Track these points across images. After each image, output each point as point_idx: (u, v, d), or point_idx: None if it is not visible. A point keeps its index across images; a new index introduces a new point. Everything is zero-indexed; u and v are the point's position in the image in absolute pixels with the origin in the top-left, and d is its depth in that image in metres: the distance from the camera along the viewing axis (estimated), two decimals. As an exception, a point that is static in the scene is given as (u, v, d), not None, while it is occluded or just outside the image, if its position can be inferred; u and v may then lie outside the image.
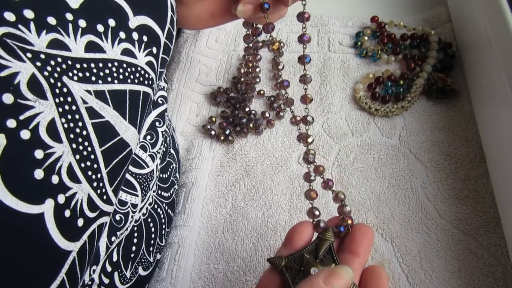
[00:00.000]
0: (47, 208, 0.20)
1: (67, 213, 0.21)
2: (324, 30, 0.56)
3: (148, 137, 0.34)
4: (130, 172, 0.31)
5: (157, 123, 0.35)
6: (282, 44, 0.55)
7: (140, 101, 0.26)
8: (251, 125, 0.47)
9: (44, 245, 0.20)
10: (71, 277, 0.21)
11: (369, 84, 0.49)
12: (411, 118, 0.47)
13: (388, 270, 0.37)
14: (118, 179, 0.25)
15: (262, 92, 0.50)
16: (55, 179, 0.20)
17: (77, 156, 0.22)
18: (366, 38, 0.53)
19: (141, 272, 0.34)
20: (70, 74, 0.22)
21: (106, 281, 0.30)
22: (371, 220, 0.40)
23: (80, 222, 0.22)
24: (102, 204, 0.24)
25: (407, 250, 0.38)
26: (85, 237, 0.22)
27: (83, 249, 0.22)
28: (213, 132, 0.47)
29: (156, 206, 0.36)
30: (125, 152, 0.25)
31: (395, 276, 0.37)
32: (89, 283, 0.28)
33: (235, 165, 0.46)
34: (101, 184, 0.23)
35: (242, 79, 0.51)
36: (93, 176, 0.23)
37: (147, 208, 0.34)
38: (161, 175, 0.37)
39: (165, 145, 0.37)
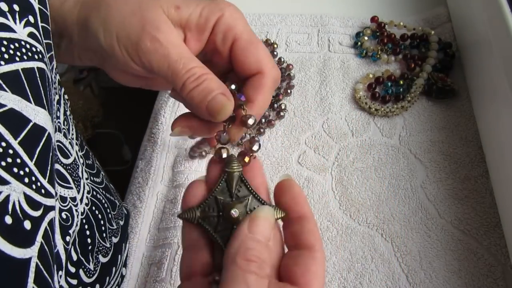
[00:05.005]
0: None
1: (8, 219, 0.19)
2: (324, 30, 0.56)
3: (65, 122, 0.32)
4: (60, 163, 0.29)
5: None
6: (275, 46, 0.54)
7: (38, 79, 0.24)
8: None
9: None
10: (41, 284, 0.20)
11: (369, 84, 0.49)
12: (411, 118, 0.47)
13: (388, 269, 0.37)
14: (49, 168, 0.23)
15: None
16: None
17: None
18: (366, 38, 0.53)
19: (102, 259, 0.34)
20: None
21: (74, 282, 0.29)
22: (371, 220, 0.40)
23: (27, 224, 0.20)
24: (43, 198, 0.22)
25: (407, 250, 0.38)
26: (39, 238, 0.21)
27: (42, 252, 0.21)
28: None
29: (95, 193, 0.35)
30: (44, 138, 0.23)
31: (395, 276, 0.37)
32: None
33: (235, 165, 0.46)
34: (33, 178, 0.21)
35: None
36: (21, 172, 0.21)
37: (87, 198, 0.33)
38: (87, 161, 0.36)
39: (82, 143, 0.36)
